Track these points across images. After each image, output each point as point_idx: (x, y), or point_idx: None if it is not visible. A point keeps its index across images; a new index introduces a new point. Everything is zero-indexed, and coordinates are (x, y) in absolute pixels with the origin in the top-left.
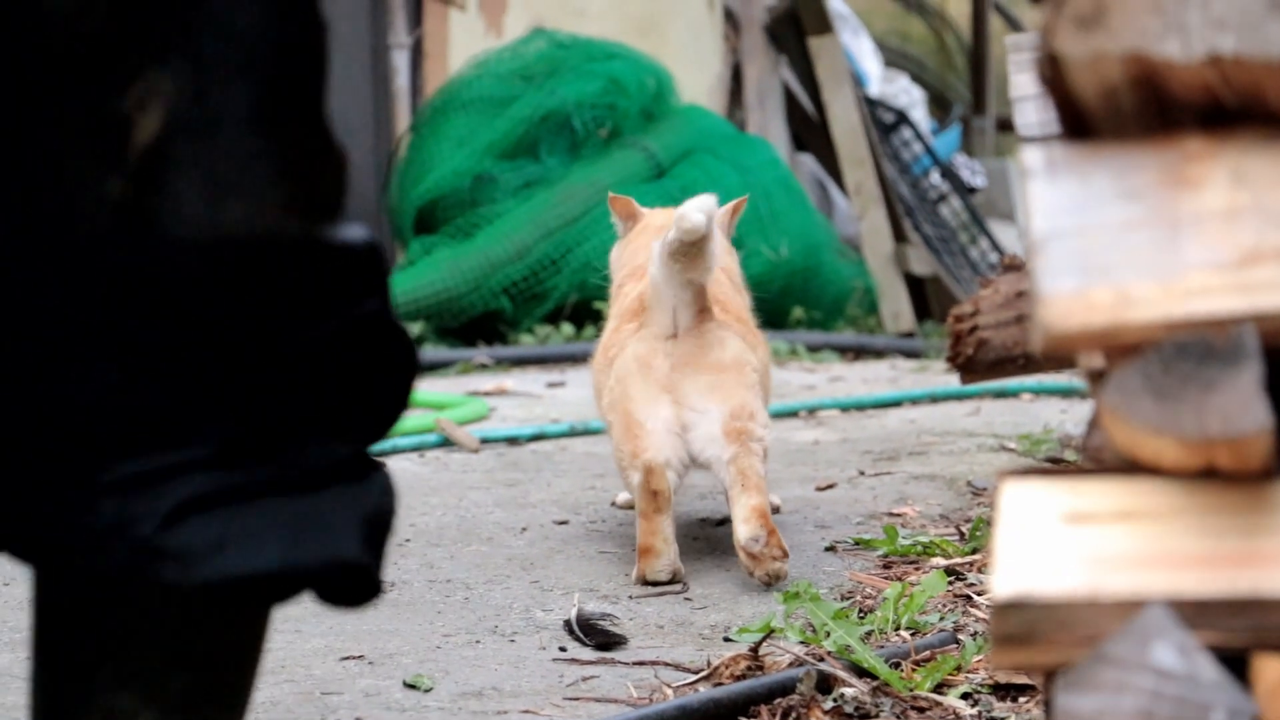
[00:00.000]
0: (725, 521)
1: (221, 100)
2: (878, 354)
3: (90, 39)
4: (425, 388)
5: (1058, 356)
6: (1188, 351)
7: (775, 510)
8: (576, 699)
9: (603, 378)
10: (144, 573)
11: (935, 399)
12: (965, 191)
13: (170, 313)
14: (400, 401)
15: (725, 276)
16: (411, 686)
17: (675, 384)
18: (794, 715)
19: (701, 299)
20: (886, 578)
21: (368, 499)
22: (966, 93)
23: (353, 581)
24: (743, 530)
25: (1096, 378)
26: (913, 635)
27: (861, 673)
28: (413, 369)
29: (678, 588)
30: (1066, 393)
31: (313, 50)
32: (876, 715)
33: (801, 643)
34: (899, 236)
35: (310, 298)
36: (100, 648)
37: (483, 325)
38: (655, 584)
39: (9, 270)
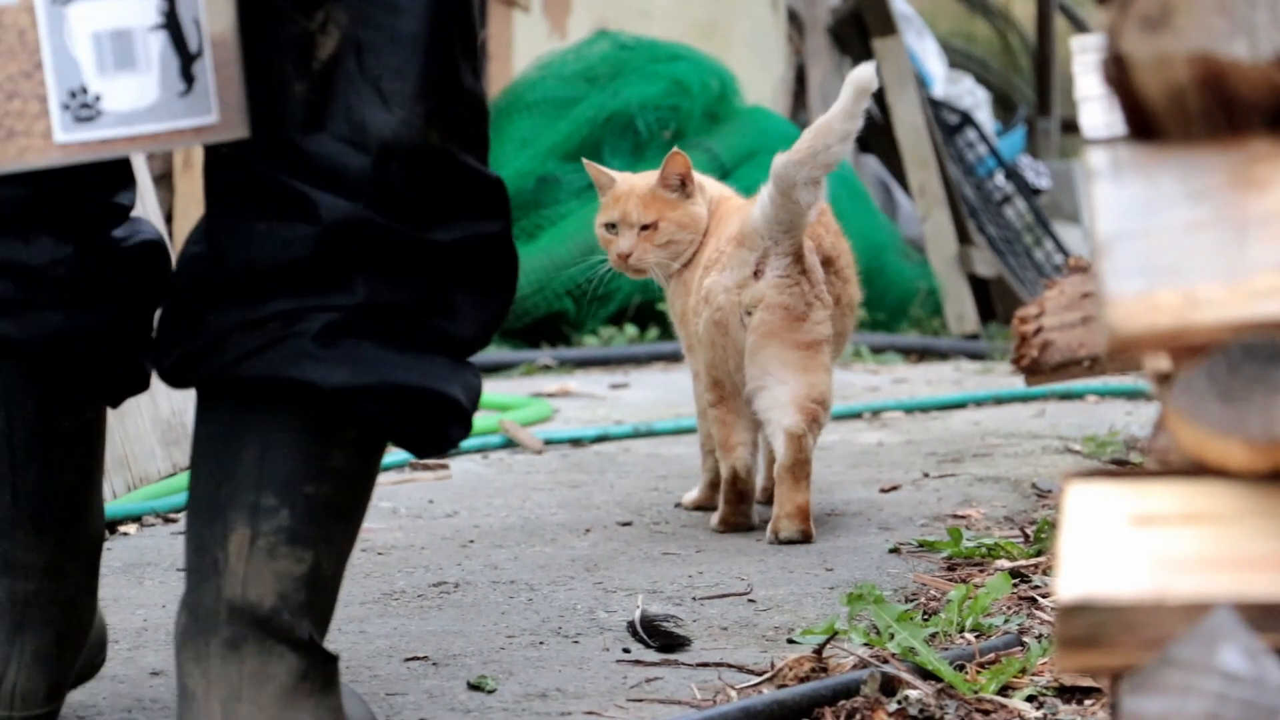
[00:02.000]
0: None
1: (382, 28)
2: (942, 355)
3: None
4: (489, 388)
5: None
6: (1254, 353)
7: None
8: (640, 700)
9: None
10: (303, 375)
11: (1000, 401)
12: (1030, 193)
13: (332, 192)
14: (503, 309)
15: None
16: (475, 688)
17: (757, 350)
18: (858, 717)
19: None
20: (951, 580)
21: (466, 372)
22: (1031, 94)
23: (451, 417)
24: (785, 525)
25: (1162, 380)
26: (977, 638)
27: (926, 675)
28: (514, 284)
29: (741, 587)
30: (1132, 395)
31: (457, 14)
32: (941, 718)
33: (865, 645)
34: (963, 238)
35: (442, 203)
36: (253, 457)
37: (546, 327)
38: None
39: (234, 150)
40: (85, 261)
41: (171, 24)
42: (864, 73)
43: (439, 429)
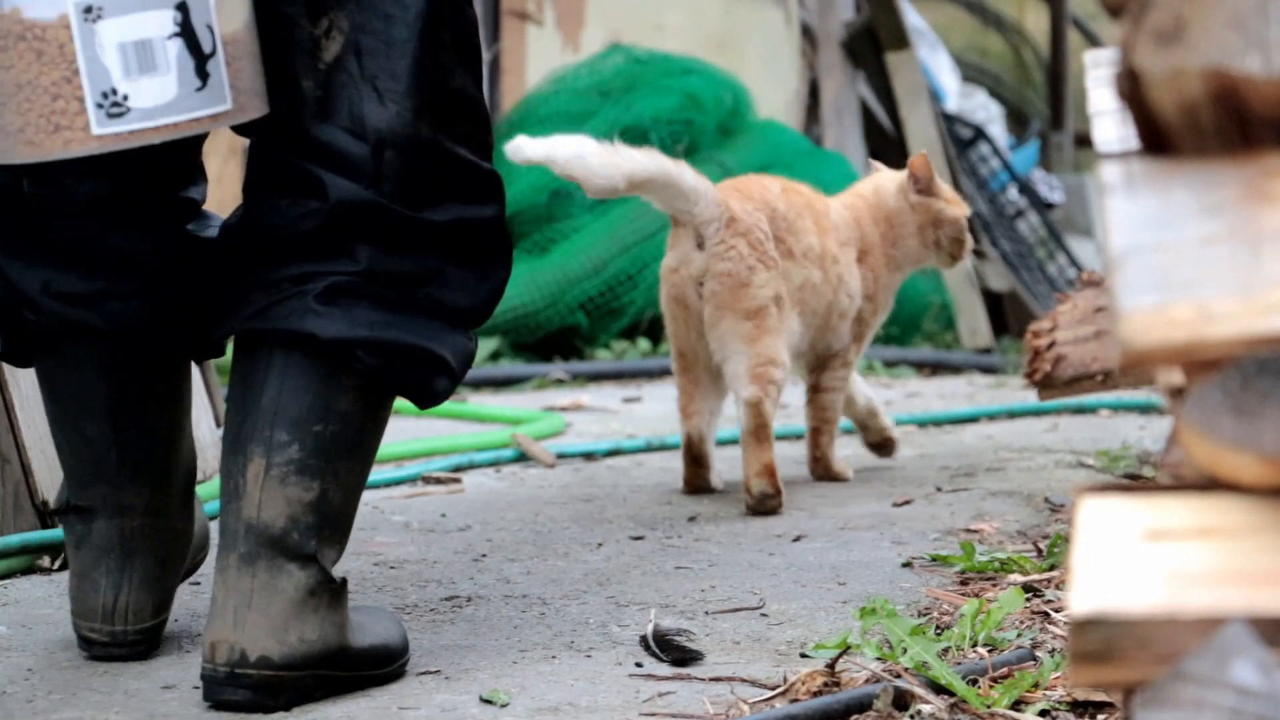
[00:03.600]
0: (801, 538)
1: (378, 35)
2: (955, 370)
3: None
4: (501, 403)
5: (1136, 373)
6: (1268, 368)
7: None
8: (653, 715)
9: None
10: (303, 327)
11: (1013, 415)
12: (1043, 207)
13: (339, 174)
14: (497, 286)
15: None
16: (488, 702)
17: (713, 324)
18: None
19: None
20: (964, 594)
21: (457, 336)
22: (1044, 108)
23: (437, 371)
24: (755, 482)
25: (1176, 394)
26: (990, 652)
27: (939, 689)
28: (507, 267)
29: (754, 601)
30: (1145, 409)
31: (452, 11)
32: None
33: (878, 659)
34: (976, 252)
35: (434, 187)
36: (269, 396)
37: (559, 341)
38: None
39: (260, 140)
40: (162, 251)
41: (186, 31)
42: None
43: (426, 381)
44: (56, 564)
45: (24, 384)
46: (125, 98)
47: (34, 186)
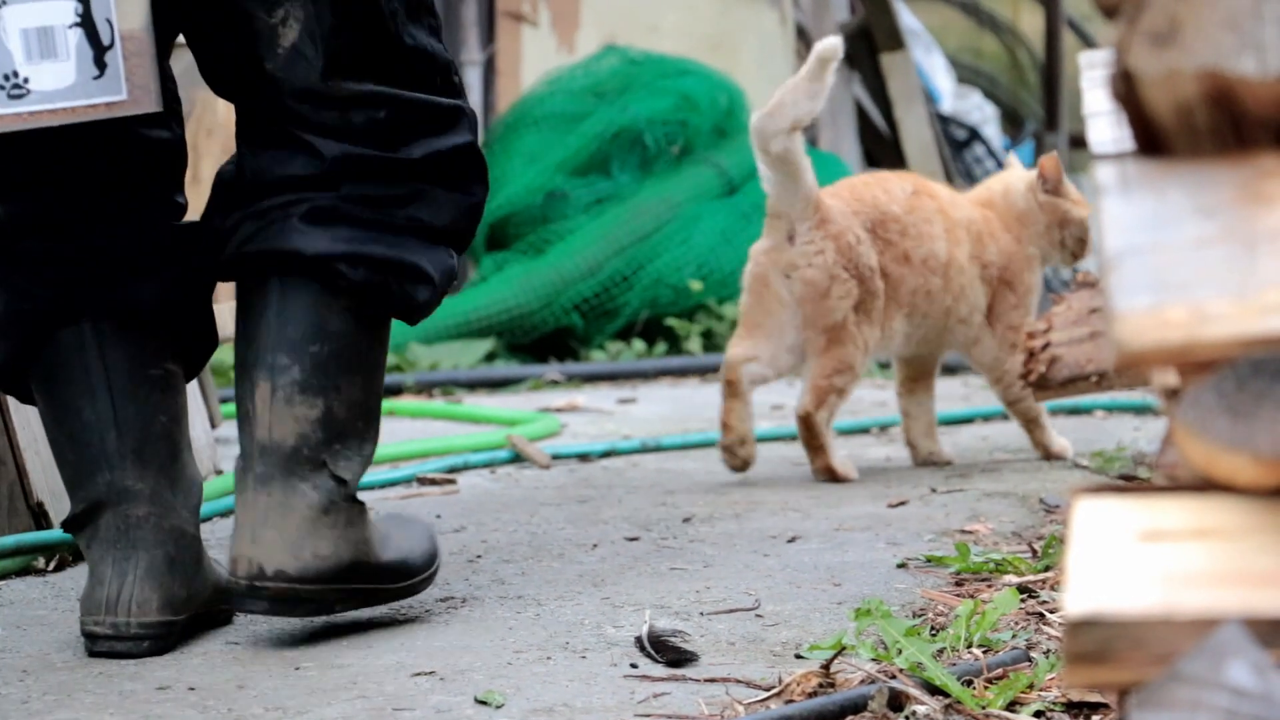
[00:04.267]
0: (796, 539)
1: (330, 15)
2: (950, 370)
3: None
4: (496, 404)
5: (1131, 374)
6: (1263, 368)
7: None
8: (648, 716)
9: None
10: (286, 243)
11: (1007, 416)
12: None
13: (326, 137)
14: (476, 204)
15: None
16: (483, 703)
17: (804, 326)
18: None
19: None
20: (958, 595)
21: (439, 253)
22: (1039, 109)
23: (419, 283)
24: (817, 475)
25: (1171, 395)
26: (985, 653)
27: (934, 690)
28: (484, 184)
29: (749, 602)
30: (1140, 410)
31: None
32: None
33: (873, 660)
34: None
35: (406, 131)
36: (268, 324)
37: (554, 342)
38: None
39: (234, 77)
40: (153, 245)
41: (86, 23)
42: (829, 42)
43: (408, 293)
44: (51, 565)
45: None
46: (26, 80)
47: (4, 209)
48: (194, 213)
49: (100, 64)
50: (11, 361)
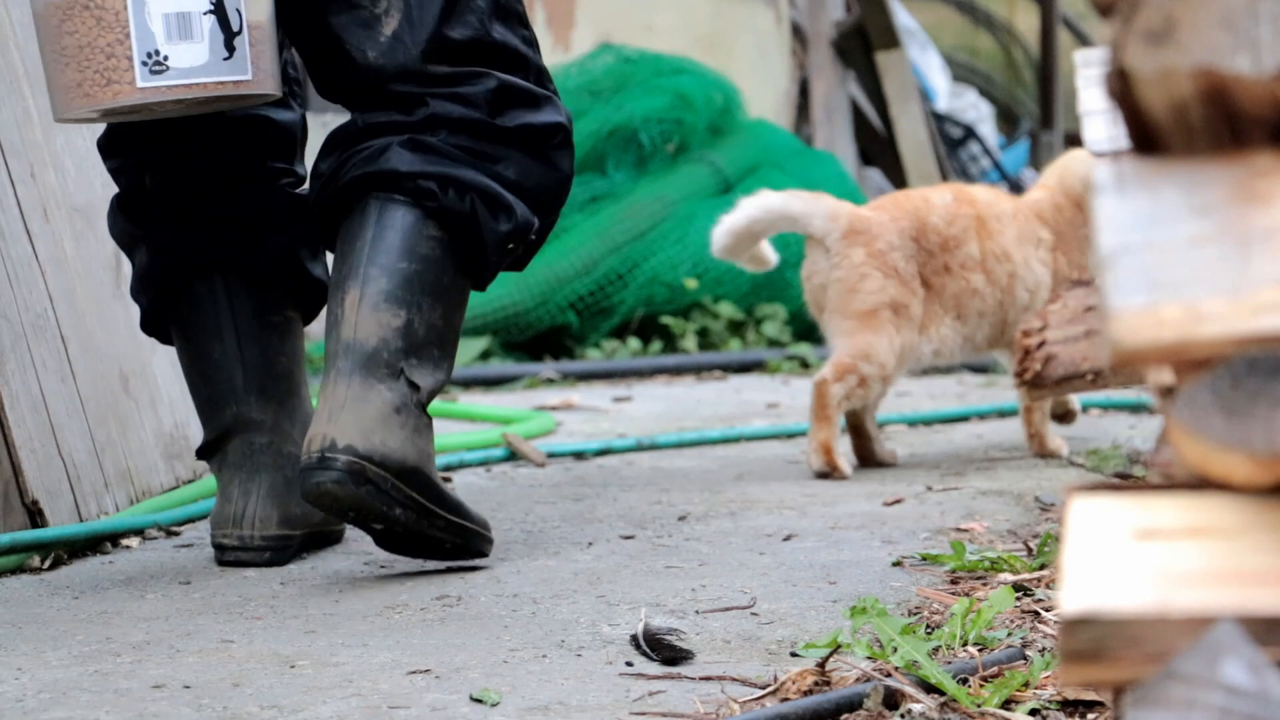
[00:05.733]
0: (791, 537)
1: (427, 10)
2: (944, 369)
3: None
4: (492, 402)
5: (1126, 372)
6: (1258, 367)
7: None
8: (643, 714)
9: None
10: (385, 165)
11: (1003, 414)
12: None
13: (402, 97)
14: (564, 180)
15: None
16: (478, 701)
17: (826, 324)
18: None
19: None
20: (954, 593)
21: (525, 207)
22: (1034, 107)
23: (502, 214)
24: (811, 458)
25: (1166, 393)
26: (980, 651)
27: (929, 688)
28: (571, 166)
29: (745, 600)
30: (1135, 408)
31: None
32: None
33: (868, 658)
34: None
35: (500, 106)
36: (364, 241)
37: (549, 340)
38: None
39: (341, 78)
40: (275, 209)
41: (219, 10)
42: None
43: (492, 223)
44: (47, 564)
45: (14, 384)
46: (165, 58)
47: (153, 180)
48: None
49: (230, 47)
50: (152, 309)
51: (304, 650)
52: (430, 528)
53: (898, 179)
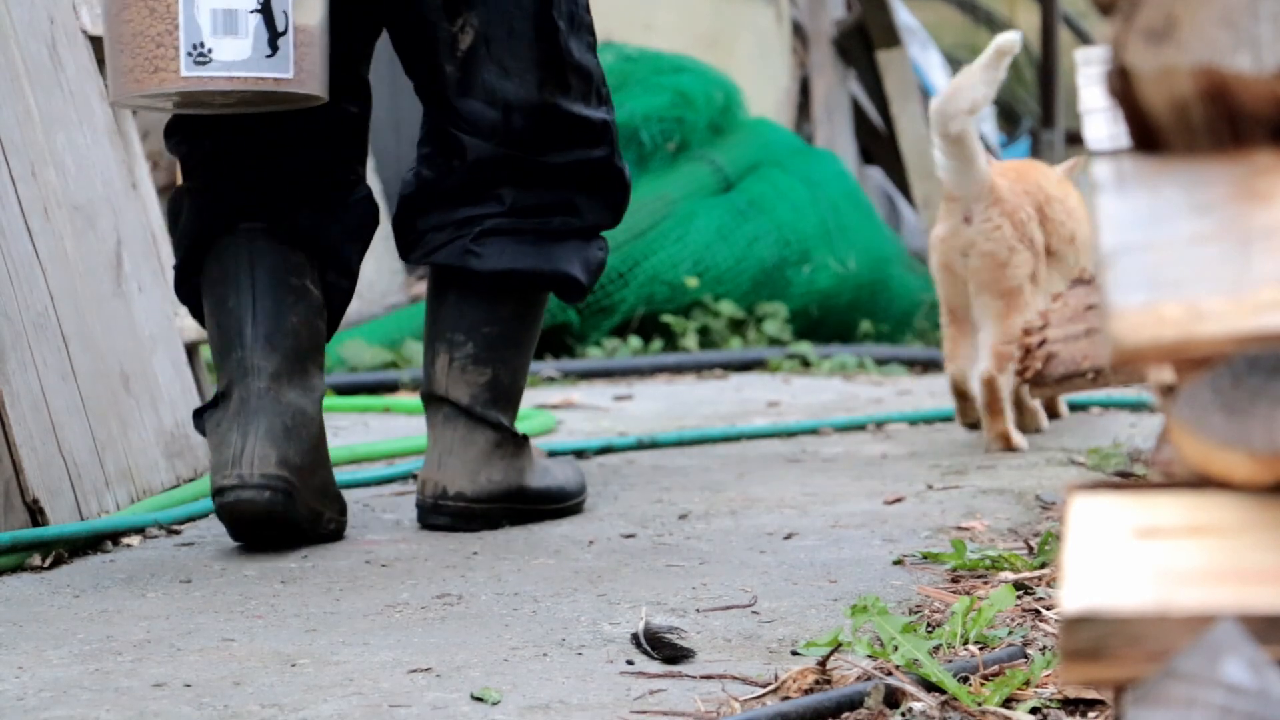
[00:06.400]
0: (792, 536)
1: (503, 25)
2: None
3: None
4: None
5: (1127, 370)
6: (1259, 366)
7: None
8: (644, 713)
9: None
10: (465, 263)
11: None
12: None
13: (477, 134)
14: (619, 207)
15: None
16: (479, 699)
17: (975, 295)
18: None
19: None
20: (954, 592)
21: (590, 250)
22: (1035, 106)
23: (574, 287)
24: (991, 445)
25: (1166, 392)
26: (981, 650)
27: (929, 687)
28: (625, 192)
29: (745, 599)
30: (1136, 407)
31: (563, 8)
32: None
33: (869, 657)
34: None
35: (555, 138)
36: (448, 309)
37: (550, 338)
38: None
39: (421, 92)
40: (311, 186)
41: (265, 11)
42: (1009, 35)
43: (562, 295)
44: (47, 562)
45: (15, 382)
46: (210, 50)
47: (216, 145)
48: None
49: (274, 46)
50: (184, 263)
51: (305, 649)
52: (535, 519)
53: (899, 177)
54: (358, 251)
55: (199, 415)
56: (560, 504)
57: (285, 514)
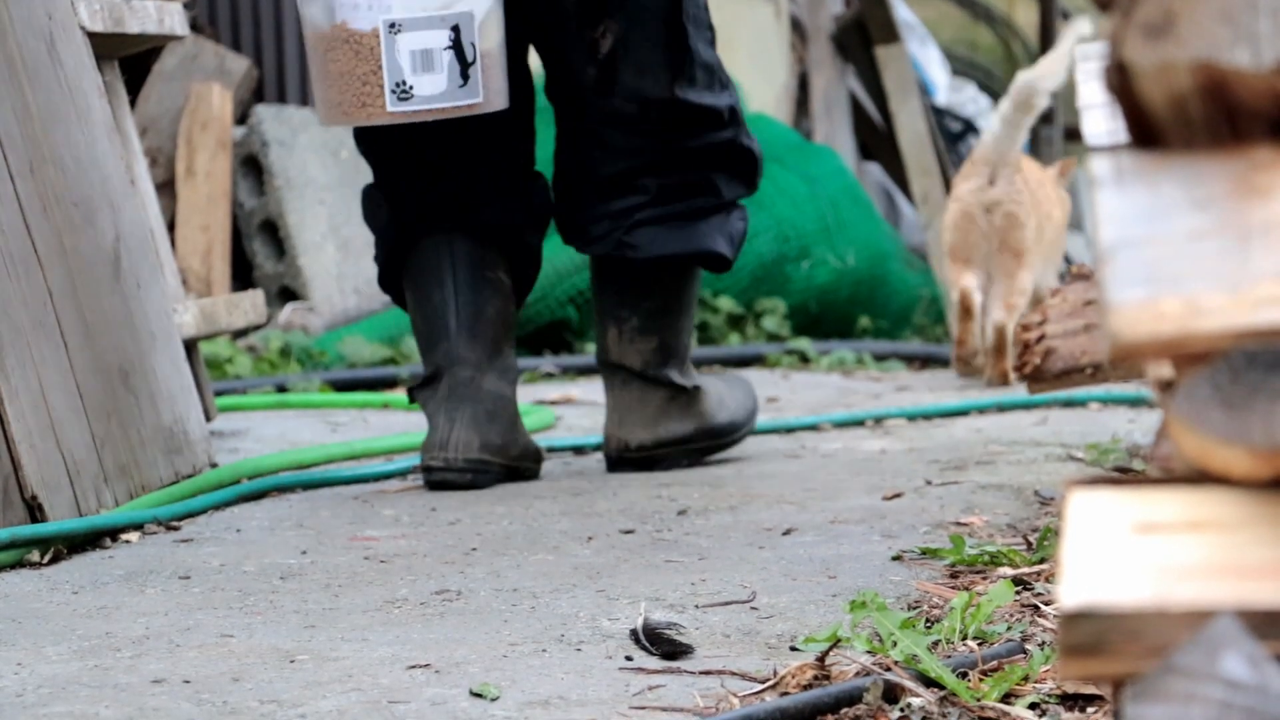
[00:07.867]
0: (791, 532)
1: (638, 29)
2: (944, 363)
3: (581, 5)
4: None
5: (1126, 366)
6: (1257, 361)
7: None
8: (643, 708)
9: None
10: (622, 253)
11: (1002, 408)
12: None
13: (618, 128)
14: (753, 177)
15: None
16: (478, 695)
17: (996, 251)
18: None
19: None
20: (953, 587)
21: (732, 222)
22: None
23: (719, 261)
24: (992, 379)
25: (1165, 387)
26: (980, 645)
27: (928, 682)
28: (756, 165)
29: (744, 595)
30: (1134, 402)
31: (689, 12)
32: None
33: (868, 652)
34: None
35: (687, 125)
36: (610, 292)
37: (549, 334)
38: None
39: (561, 110)
40: (500, 185)
41: (456, 46)
42: (1084, 22)
43: (710, 269)
44: (46, 559)
45: (14, 379)
46: (411, 88)
47: (408, 150)
48: (187, 207)
49: (465, 76)
50: (388, 260)
51: (304, 645)
52: (712, 453)
53: (897, 173)
54: (538, 238)
55: (412, 391)
56: (734, 435)
57: (482, 487)
